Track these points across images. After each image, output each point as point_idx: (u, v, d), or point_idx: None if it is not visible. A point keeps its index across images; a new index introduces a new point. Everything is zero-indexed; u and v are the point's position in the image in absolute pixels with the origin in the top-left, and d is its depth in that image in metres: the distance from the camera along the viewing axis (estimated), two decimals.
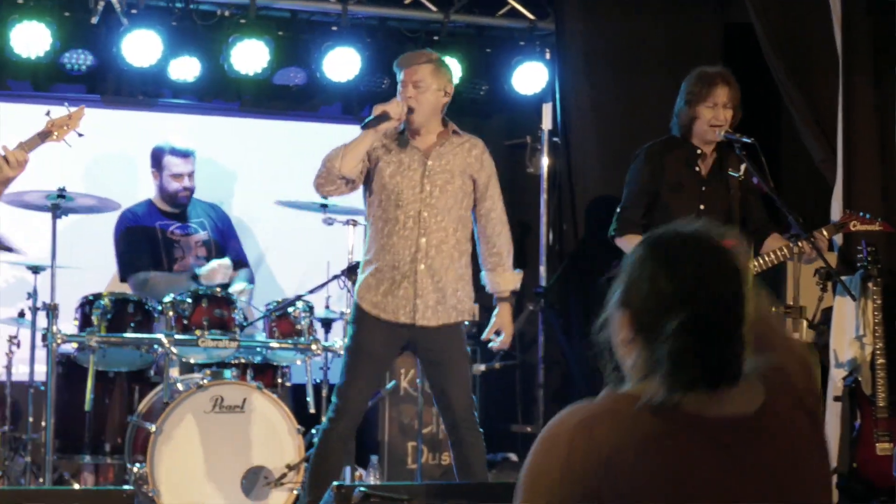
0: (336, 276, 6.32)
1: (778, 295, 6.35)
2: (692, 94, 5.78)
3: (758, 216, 5.88)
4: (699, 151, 5.83)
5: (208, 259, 6.82)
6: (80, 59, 7.23)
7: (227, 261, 6.80)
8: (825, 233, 5.73)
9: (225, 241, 7.06)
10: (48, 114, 5.35)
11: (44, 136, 5.29)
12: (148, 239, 6.86)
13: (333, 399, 5.33)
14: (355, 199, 5.71)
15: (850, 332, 6.17)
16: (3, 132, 6.92)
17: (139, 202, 7.02)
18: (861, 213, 5.93)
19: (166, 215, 6.95)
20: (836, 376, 6.25)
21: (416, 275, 5.27)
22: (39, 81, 7.42)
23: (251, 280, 7.05)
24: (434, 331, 5.31)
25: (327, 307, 6.70)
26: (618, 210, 5.91)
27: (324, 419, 5.46)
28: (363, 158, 5.26)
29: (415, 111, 5.27)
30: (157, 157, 6.97)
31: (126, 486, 5.33)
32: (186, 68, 7.36)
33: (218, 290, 6.32)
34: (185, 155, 6.94)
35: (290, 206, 6.75)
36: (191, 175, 6.96)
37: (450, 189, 5.32)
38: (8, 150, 5.14)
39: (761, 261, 5.71)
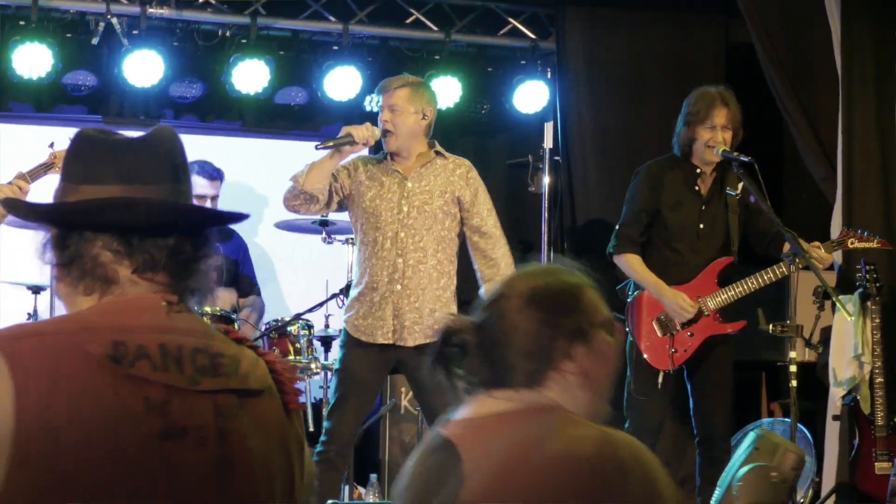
0: (335, 295, 6.33)
1: (780, 313, 6.34)
2: (691, 115, 5.78)
3: (768, 225, 5.82)
4: (699, 171, 5.82)
5: (217, 283, 6.80)
6: (81, 80, 7.26)
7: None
8: (823, 249, 5.71)
9: (237, 268, 7.02)
10: (52, 145, 5.37)
11: (47, 167, 5.31)
12: None
13: (325, 423, 5.34)
14: None
15: (849, 350, 6.14)
16: (5, 153, 6.97)
17: None
18: (860, 231, 5.92)
19: None
20: (835, 395, 6.22)
21: (393, 295, 5.28)
22: (41, 102, 7.45)
23: (261, 311, 7.02)
24: (416, 352, 5.30)
25: (327, 325, 6.70)
26: (616, 228, 5.92)
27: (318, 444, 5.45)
28: (327, 178, 5.31)
29: (391, 134, 5.32)
30: None
31: None
32: (188, 88, 7.39)
33: (217, 309, 6.31)
34: (213, 177, 6.87)
35: (288, 228, 6.77)
36: (214, 199, 6.87)
37: (428, 209, 5.34)
38: (4, 187, 5.11)
39: (760, 279, 5.70)
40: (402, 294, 5.28)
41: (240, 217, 2.07)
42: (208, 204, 6.86)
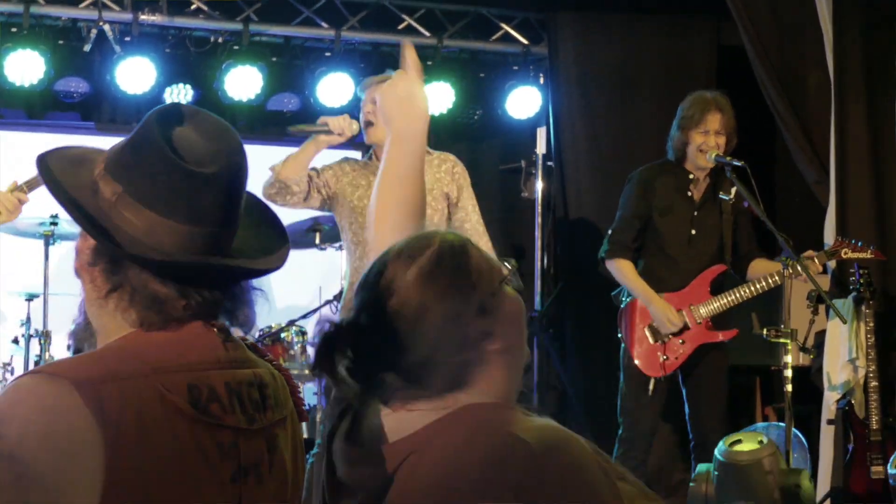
0: (328, 301, 6.32)
1: (774, 318, 6.34)
2: (686, 119, 5.79)
3: (746, 240, 5.88)
4: (692, 176, 5.83)
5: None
6: (73, 87, 7.25)
7: None
8: (816, 259, 5.71)
9: None
10: None
11: None
12: None
13: (321, 426, 5.33)
14: None
15: (844, 355, 6.14)
16: None
17: None
18: (853, 241, 5.92)
19: None
20: (830, 399, 6.22)
21: None
22: (33, 109, 7.43)
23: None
24: None
25: None
26: (609, 232, 5.92)
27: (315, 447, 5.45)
28: (303, 168, 5.31)
29: (374, 125, 5.32)
30: None
31: None
32: (180, 95, 7.39)
33: None
34: None
35: None
36: None
37: None
38: (3, 199, 5.05)
39: (753, 288, 5.71)
40: None
41: (279, 266, 2.06)
42: None
